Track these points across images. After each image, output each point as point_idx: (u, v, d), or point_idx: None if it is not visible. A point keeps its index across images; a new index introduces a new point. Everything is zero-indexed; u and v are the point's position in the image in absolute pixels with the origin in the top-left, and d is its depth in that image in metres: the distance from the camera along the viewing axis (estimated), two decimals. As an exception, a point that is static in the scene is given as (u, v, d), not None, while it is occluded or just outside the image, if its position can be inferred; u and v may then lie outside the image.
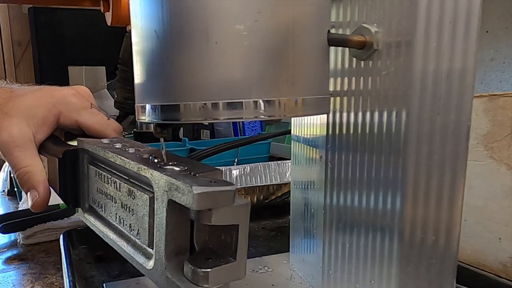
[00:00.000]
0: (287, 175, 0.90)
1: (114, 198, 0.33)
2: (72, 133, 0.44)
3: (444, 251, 0.31)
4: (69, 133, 0.45)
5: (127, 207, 0.31)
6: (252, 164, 0.87)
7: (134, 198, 0.30)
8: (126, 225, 0.31)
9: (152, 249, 0.28)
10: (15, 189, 0.89)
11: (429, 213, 0.30)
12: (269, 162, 0.92)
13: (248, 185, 0.82)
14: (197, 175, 0.26)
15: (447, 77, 0.28)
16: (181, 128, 1.38)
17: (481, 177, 0.46)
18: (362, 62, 0.32)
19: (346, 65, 0.33)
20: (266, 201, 0.74)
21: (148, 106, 0.29)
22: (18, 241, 0.68)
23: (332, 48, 0.31)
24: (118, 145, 0.35)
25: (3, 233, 0.67)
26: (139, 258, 0.30)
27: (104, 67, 2.09)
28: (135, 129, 1.33)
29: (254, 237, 0.60)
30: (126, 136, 1.20)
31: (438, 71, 0.28)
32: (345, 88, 0.34)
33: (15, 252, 0.65)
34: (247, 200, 0.25)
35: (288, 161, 0.93)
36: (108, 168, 0.34)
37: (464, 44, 0.28)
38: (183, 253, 0.27)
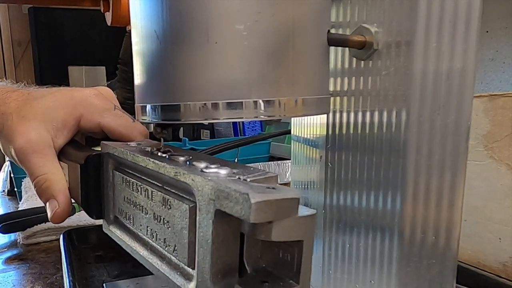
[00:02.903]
0: (287, 175, 0.90)
1: (145, 208, 0.29)
2: (93, 138, 0.41)
3: (444, 251, 0.31)
4: (90, 138, 0.42)
5: (160, 219, 0.27)
6: (252, 164, 0.87)
7: (170, 208, 0.26)
8: (159, 239, 0.27)
9: (193, 269, 0.24)
10: (15, 189, 0.89)
11: (429, 213, 0.30)
12: (269, 162, 0.92)
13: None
14: (247, 179, 0.22)
15: (447, 77, 0.28)
16: (181, 128, 1.37)
17: (481, 177, 0.46)
18: (362, 62, 0.32)
19: (346, 65, 0.33)
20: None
21: (148, 106, 0.29)
22: (18, 241, 0.68)
23: (332, 48, 0.31)
24: (147, 149, 0.31)
25: (3, 233, 0.67)
26: (176, 279, 0.25)
27: (104, 67, 2.09)
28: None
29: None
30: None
31: (438, 71, 0.28)
32: (345, 88, 0.34)
33: (15, 252, 0.65)
34: (313, 209, 0.21)
35: (288, 161, 0.93)
36: (137, 174, 0.30)
37: (464, 44, 0.28)
38: (231, 274, 0.23)
